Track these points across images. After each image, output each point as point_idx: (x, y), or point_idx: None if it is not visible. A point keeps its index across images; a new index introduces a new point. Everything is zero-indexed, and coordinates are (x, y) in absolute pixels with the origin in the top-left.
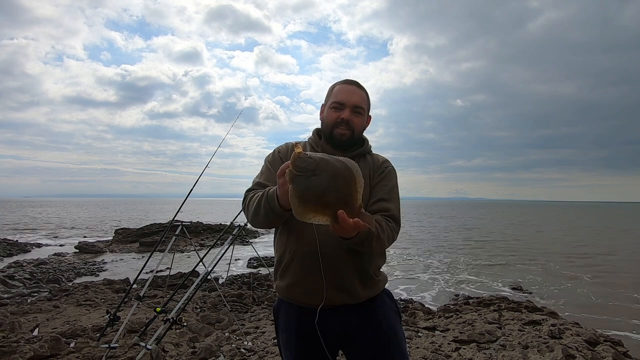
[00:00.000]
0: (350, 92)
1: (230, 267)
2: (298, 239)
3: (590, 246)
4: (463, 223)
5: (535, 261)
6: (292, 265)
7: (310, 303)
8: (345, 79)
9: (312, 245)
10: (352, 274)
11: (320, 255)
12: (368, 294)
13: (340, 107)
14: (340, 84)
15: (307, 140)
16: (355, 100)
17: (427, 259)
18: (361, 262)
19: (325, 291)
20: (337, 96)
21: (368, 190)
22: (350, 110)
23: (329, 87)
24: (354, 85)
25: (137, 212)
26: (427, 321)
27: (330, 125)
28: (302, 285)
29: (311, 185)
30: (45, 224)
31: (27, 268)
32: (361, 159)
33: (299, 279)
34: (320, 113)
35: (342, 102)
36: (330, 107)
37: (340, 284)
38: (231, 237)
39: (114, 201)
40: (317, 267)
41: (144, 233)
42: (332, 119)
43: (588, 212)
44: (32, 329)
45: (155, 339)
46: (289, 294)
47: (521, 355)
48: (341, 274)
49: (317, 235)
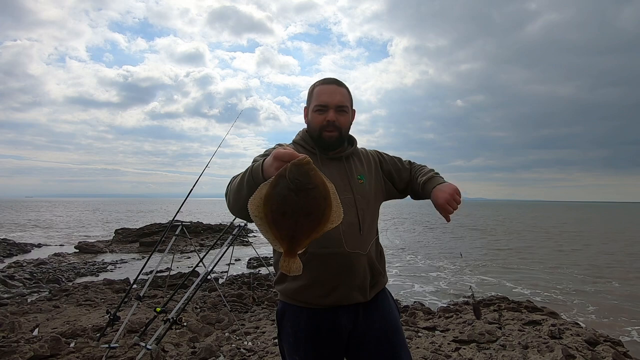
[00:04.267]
0: (331, 93)
1: (230, 267)
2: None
3: (591, 246)
4: (463, 223)
5: (536, 261)
6: (308, 267)
7: (324, 304)
8: (324, 78)
9: (333, 247)
10: (366, 272)
11: (342, 255)
12: (375, 291)
13: (324, 110)
14: (319, 85)
15: (293, 140)
16: (338, 100)
17: (427, 259)
18: (373, 258)
19: (341, 291)
20: (319, 98)
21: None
22: (334, 111)
23: (309, 88)
24: (333, 84)
25: (137, 212)
26: (427, 321)
27: (318, 129)
28: (318, 287)
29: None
30: (45, 224)
31: (27, 268)
32: (354, 158)
33: (315, 280)
34: (304, 116)
35: (324, 104)
36: (314, 111)
37: (357, 283)
38: (231, 237)
39: (114, 201)
40: (337, 268)
41: (144, 233)
42: (318, 122)
43: (588, 212)
44: (32, 329)
45: (155, 339)
46: (301, 295)
47: (521, 355)
48: (359, 273)
49: (339, 236)
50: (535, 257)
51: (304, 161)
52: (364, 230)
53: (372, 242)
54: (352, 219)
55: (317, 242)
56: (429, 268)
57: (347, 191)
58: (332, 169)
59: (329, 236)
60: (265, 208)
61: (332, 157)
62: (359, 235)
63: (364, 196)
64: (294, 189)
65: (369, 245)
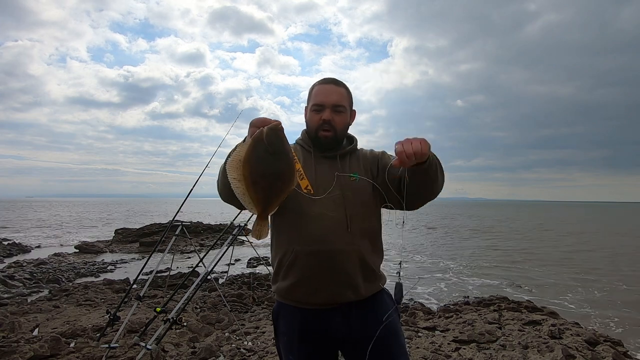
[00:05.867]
0: (328, 92)
1: (230, 267)
2: (301, 239)
3: (594, 247)
4: (464, 223)
5: (536, 261)
6: (295, 265)
7: (314, 303)
8: (323, 78)
9: (318, 244)
10: (356, 270)
11: (327, 252)
12: (370, 290)
13: (320, 109)
14: (318, 85)
15: (295, 140)
16: (334, 99)
17: (427, 259)
18: (364, 257)
19: (330, 289)
20: (316, 98)
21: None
22: (330, 111)
23: (310, 88)
24: (331, 84)
25: (137, 212)
26: (427, 321)
27: (314, 129)
28: (306, 284)
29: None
30: (45, 224)
31: (27, 268)
32: (352, 155)
33: (303, 278)
34: (304, 115)
35: (321, 103)
36: (312, 110)
37: (346, 280)
38: (231, 237)
39: (114, 201)
40: (323, 265)
41: (144, 233)
42: (314, 121)
43: (587, 212)
44: (32, 329)
45: (155, 339)
46: (291, 294)
47: (521, 355)
48: (346, 270)
49: (324, 232)
50: (536, 258)
51: (279, 126)
52: (353, 227)
53: (364, 240)
54: (339, 215)
55: (302, 240)
56: (430, 268)
57: (335, 188)
58: (324, 166)
59: (313, 233)
60: (244, 169)
61: (327, 155)
62: (346, 233)
63: (356, 193)
64: (272, 152)
65: (359, 242)
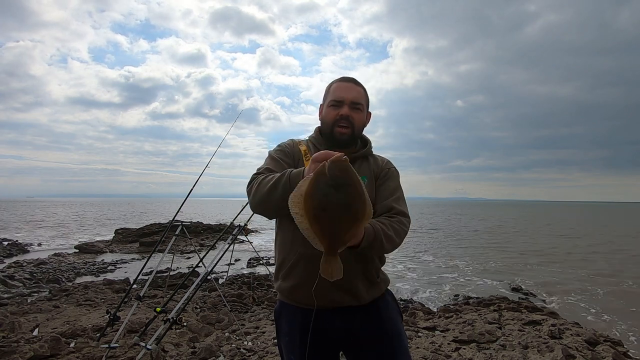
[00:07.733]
0: (347, 89)
1: (230, 267)
2: (305, 242)
3: (594, 247)
4: (464, 223)
5: (536, 261)
6: (298, 267)
7: (314, 305)
8: (342, 76)
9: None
10: (356, 276)
11: None
12: (372, 295)
13: (338, 105)
14: (337, 82)
15: (307, 138)
16: (353, 96)
17: (427, 259)
18: (365, 263)
19: (330, 293)
20: (334, 94)
21: (373, 192)
22: (348, 107)
23: (327, 86)
24: (351, 82)
25: (137, 212)
26: (427, 321)
27: (331, 124)
28: (307, 287)
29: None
30: (45, 224)
31: (27, 268)
32: (364, 160)
33: (304, 280)
34: (319, 113)
35: (340, 99)
36: (329, 106)
37: (346, 286)
38: (231, 237)
39: (114, 201)
40: None
41: (144, 233)
42: (331, 117)
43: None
44: (32, 329)
45: (155, 339)
46: (293, 295)
47: (521, 355)
48: (346, 275)
49: None
50: (537, 257)
51: (342, 158)
52: None
53: None
54: None
55: (306, 242)
56: (430, 268)
57: None
58: None
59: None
60: (306, 204)
61: None
62: None
63: None
64: (334, 185)
65: None
